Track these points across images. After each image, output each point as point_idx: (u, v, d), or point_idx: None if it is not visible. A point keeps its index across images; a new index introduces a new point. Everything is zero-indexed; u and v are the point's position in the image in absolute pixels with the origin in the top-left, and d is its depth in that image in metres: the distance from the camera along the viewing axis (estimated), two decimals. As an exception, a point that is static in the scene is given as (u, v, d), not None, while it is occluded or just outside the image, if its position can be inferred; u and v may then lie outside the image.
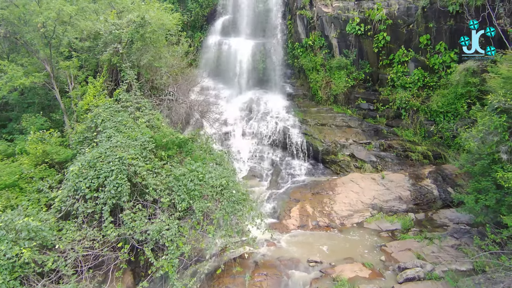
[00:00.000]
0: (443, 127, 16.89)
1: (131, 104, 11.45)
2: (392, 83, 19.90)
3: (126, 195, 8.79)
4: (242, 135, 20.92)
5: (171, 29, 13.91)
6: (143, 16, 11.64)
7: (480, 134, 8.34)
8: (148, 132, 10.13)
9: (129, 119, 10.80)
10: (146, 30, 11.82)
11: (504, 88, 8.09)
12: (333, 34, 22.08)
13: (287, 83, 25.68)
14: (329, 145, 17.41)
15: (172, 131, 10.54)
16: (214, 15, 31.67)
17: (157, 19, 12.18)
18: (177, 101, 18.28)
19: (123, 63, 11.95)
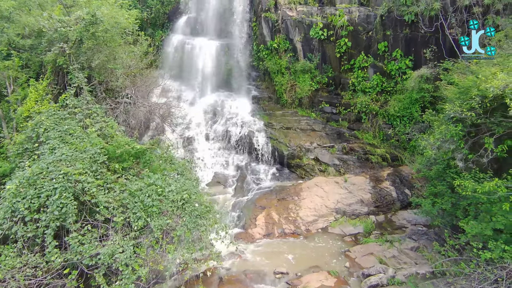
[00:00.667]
0: (400, 131, 17.70)
1: (80, 110, 10.40)
2: (353, 87, 20.48)
3: (73, 216, 7.89)
4: (206, 139, 20.28)
5: (127, 27, 12.88)
6: (93, 13, 10.60)
7: (437, 142, 8.71)
8: (99, 143, 9.22)
9: (77, 128, 9.77)
10: (97, 29, 10.79)
11: (460, 99, 8.51)
12: (297, 38, 22.23)
13: (252, 86, 25.41)
14: (294, 149, 17.44)
15: (127, 141, 9.73)
16: (177, 13, 30.47)
17: (111, 16, 11.17)
18: (135, 104, 17.19)
19: (71, 65, 10.81)
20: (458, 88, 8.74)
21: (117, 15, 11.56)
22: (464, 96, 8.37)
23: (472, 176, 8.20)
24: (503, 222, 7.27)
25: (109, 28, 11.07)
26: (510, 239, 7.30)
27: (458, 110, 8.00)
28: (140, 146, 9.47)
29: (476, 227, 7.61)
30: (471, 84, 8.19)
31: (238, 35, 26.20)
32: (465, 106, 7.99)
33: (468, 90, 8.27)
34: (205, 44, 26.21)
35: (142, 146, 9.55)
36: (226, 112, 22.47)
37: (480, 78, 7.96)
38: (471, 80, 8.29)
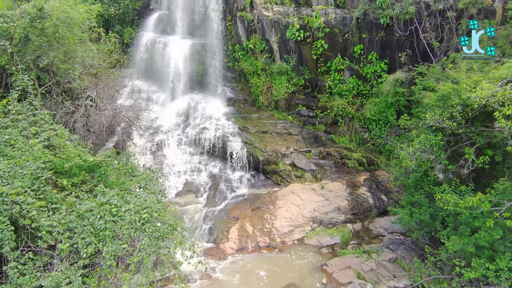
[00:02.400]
0: (375, 135, 17.52)
1: (25, 117, 9.07)
2: (329, 90, 20.15)
3: (10, 243, 6.70)
4: (177, 144, 19.14)
5: (82, 23, 11.55)
6: (41, 6, 9.28)
7: (416, 152, 8.34)
8: (43, 156, 8.00)
9: (19, 138, 8.47)
10: (45, 24, 9.47)
11: (439, 106, 8.17)
12: (274, 38, 21.61)
13: (227, 87, 24.48)
14: (270, 155, 16.77)
15: (78, 152, 8.55)
16: (147, 9, 28.87)
17: (62, 11, 9.86)
18: (97, 107, 15.78)
19: (14, 65, 9.43)
20: (437, 95, 8.41)
21: (69, 10, 10.25)
22: (444, 103, 8.04)
23: (452, 189, 7.88)
24: (487, 239, 6.95)
25: (59, 24, 9.77)
26: (493, 255, 7.00)
27: (438, 119, 7.64)
28: (93, 159, 8.34)
29: (458, 242, 7.27)
30: (451, 92, 7.87)
31: (213, 34, 25.15)
32: (445, 115, 7.65)
33: (447, 97, 7.94)
34: (178, 43, 24.97)
35: (95, 158, 8.42)
36: (199, 115, 21.42)
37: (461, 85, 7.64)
38: (451, 88, 7.97)
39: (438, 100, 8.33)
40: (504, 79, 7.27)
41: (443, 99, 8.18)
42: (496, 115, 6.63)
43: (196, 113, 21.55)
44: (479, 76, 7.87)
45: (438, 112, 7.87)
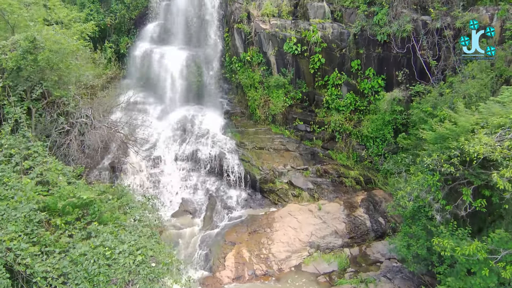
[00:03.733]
0: (373, 152, 17.50)
1: (18, 151, 8.93)
2: (327, 105, 20.09)
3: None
4: (174, 160, 19.01)
5: (76, 51, 11.38)
6: (33, 38, 9.12)
7: (414, 193, 8.30)
8: (36, 195, 7.88)
9: (12, 175, 8.33)
10: (37, 56, 9.31)
11: (437, 147, 8.15)
12: (271, 51, 21.53)
13: (224, 99, 24.37)
14: (267, 173, 16.70)
15: (72, 189, 8.42)
16: (144, 19, 28.65)
17: (54, 42, 9.68)
18: (92, 125, 15.59)
19: (6, 97, 9.29)
20: (435, 134, 8.37)
21: (62, 40, 10.06)
22: (442, 144, 8.01)
23: (450, 232, 7.85)
24: (482, 286, 6.93)
25: (52, 55, 9.61)
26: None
27: (436, 162, 7.61)
28: (87, 196, 8.22)
29: (454, 286, 7.25)
30: (449, 133, 7.84)
31: (209, 45, 25.02)
32: (443, 157, 7.61)
33: (445, 138, 7.91)
34: (175, 54, 24.81)
35: (89, 195, 8.29)
36: (196, 129, 21.29)
37: (459, 126, 7.60)
38: (449, 129, 7.94)
39: (436, 138, 8.29)
40: (504, 129, 7.22)
41: (441, 139, 8.14)
42: (494, 176, 6.60)
43: (193, 127, 21.41)
44: (477, 118, 7.82)
45: (436, 155, 7.82)
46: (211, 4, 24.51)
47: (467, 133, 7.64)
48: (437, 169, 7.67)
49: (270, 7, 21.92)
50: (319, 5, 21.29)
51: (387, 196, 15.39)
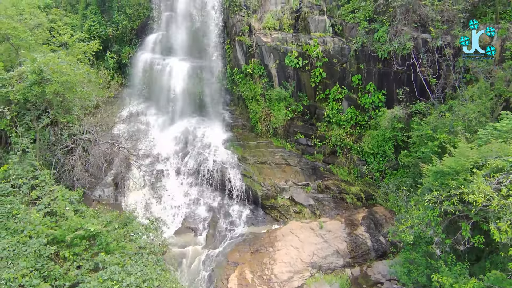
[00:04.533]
0: (374, 168, 17.66)
1: (25, 181, 9.10)
2: (328, 119, 20.25)
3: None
4: (176, 174, 19.19)
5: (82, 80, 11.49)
6: (40, 69, 9.27)
7: (415, 227, 8.48)
8: (45, 229, 8.05)
9: (21, 207, 8.50)
10: (45, 89, 9.47)
11: (437, 181, 8.34)
12: (272, 64, 21.68)
13: (226, 111, 24.52)
14: (269, 189, 16.87)
15: (79, 221, 8.59)
16: (145, 29, 28.84)
17: (60, 73, 9.82)
18: (96, 142, 15.74)
19: (14, 129, 9.45)
20: (436, 169, 8.55)
21: (69, 70, 10.21)
22: (442, 179, 8.20)
23: (448, 267, 8.02)
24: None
25: (58, 87, 9.76)
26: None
27: (437, 198, 7.78)
28: (94, 228, 8.39)
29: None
30: (449, 171, 8.02)
31: (211, 56, 25.17)
32: (443, 194, 7.79)
33: (445, 175, 8.11)
34: (177, 65, 24.97)
35: (96, 227, 8.47)
36: (198, 141, 21.46)
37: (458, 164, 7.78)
38: (448, 167, 8.11)
39: (436, 173, 8.48)
40: (502, 173, 7.39)
41: (441, 174, 8.33)
42: (491, 228, 6.78)
43: (195, 140, 21.58)
44: (477, 157, 7.97)
45: (436, 192, 7.99)
46: (212, 15, 24.68)
47: (466, 172, 7.83)
48: (438, 205, 7.85)
49: (271, 20, 22.08)
50: (320, 19, 21.45)
51: (388, 213, 15.58)
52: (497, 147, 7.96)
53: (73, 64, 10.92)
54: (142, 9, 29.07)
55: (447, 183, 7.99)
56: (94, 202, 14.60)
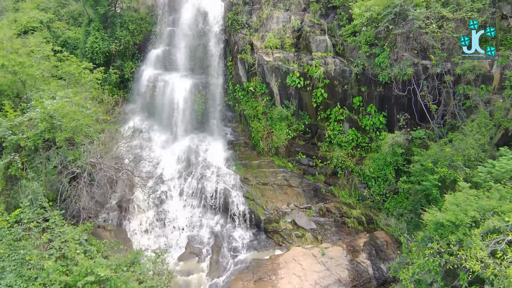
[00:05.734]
0: (374, 191, 17.90)
1: (37, 224, 9.33)
2: (329, 139, 20.48)
3: None
4: (179, 195, 19.42)
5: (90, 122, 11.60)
6: (50, 115, 9.47)
7: (415, 276, 8.74)
8: (58, 276, 8.28)
9: (33, 252, 8.73)
10: (55, 135, 9.68)
11: (437, 231, 8.60)
12: (274, 83, 21.89)
13: (228, 127, 24.75)
14: (271, 213, 17.12)
15: (90, 265, 8.82)
16: (148, 44, 29.00)
17: (70, 119, 9.99)
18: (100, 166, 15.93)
19: (24, 175, 9.67)
20: (436, 220, 8.81)
21: (78, 115, 10.40)
22: (441, 230, 8.46)
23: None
24: None
25: (69, 131, 9.96)
26: None
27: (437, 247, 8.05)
28: (104, 274, 8.62)
29: None
30: (449, 224, 8.27)
31: (213, 72, 25.39)
32: (444, 246, 8.05)
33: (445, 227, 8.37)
34: (179, 82, 25.18)
35: (105, 272, 8.69)
36: (200, 161, 21.67)
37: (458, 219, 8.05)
38: (448, 220, 8.36)
39: (436, 224, 8.74)
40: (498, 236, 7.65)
41: (441, 225, 8.59)
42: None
43: (197, 158, 21.80)
44: (476, 213, 8.22)
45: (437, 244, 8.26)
46: (215, 32, 24.92)
47: (465, 226, 8.09)
48: (437, 257, 8.10)
49: (273, 39, 22.27)
50: (321, 39, 21.67)
51: (389, 238, 15.84)
52: (493, 203, 8.22)
53: (81, 104, 11.12)
54: (145, 24, 29.26)
55: (446, 235, 8.25)
56: (100, 229, 14.82)
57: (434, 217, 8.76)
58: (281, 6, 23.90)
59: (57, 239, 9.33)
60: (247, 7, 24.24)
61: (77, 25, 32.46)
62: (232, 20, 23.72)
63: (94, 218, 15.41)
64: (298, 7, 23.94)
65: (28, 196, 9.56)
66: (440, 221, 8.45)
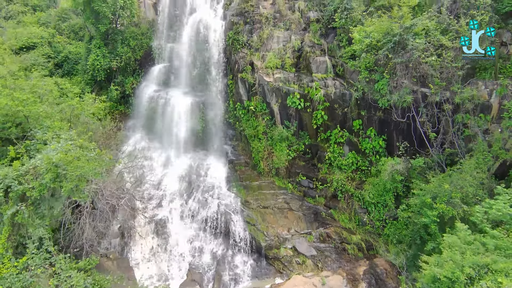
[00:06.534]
0: (374, 217, 18.06)
1: (43, 270, 9.50)
2: (329, 161, 20.62)
3: None
4: (180, 218, 19.57)
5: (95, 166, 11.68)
6: (55, 163, 9.59)
7: None
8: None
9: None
10: (61, 184, 9.83)
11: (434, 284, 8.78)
12: (274, 102, 21.99)
13: (228, 145, 24.87)
14: (272, 239, 17.29)
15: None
16: (149, 60, 29.14)
17: (75, 166, 10.11)
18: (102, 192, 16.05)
19: (30, 223, 9.83)
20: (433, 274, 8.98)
21: (82, 161, 10.53)
22: (438, 283, 8.64)
23: None
24: None
25: (74, 179, 10.11)
26: None
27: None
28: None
29: None
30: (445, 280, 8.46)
31: (214, 90, 25.52)
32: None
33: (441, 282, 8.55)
34: (180, 99, 25.30)
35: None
36: (201, 180, 21.82)
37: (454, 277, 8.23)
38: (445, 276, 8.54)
39: (433, 278, 8.92)
40: None
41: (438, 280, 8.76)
42: None
43: (198, 178, 21.94)
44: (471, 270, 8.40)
45: None
46: (215, 50, 25.03)
47: (461, 284, 8.27)
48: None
49: (273, 60, 22.37)
50: (321, 60, 21.81)
51: (388, 266, 16.02)
52: (488, 259, 8.41)
53: (84, 146, 11.25)
54: (145, 39, 29.39)
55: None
56: (103, 258, 14.98)
57: (431, 271, 8.95)
58: (281, 25, 24.00)
59: (63, 284, 9.50)
60: (248, 26, 24.33)
61: (78, 39, 32.61)
62: (232, 39, 23.85)
63: (97, 246, 15.57)
64: (298, 27, 24.06)
65: (35, 243, 9.72)
66: (437, 276, 8.63)
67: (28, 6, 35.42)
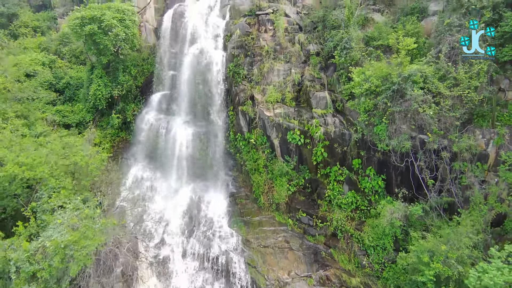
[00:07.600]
0: (373, 260, 18.33)
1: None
2: (329, 198, 20.85)
3: None
4: (182, 256, 19.85)
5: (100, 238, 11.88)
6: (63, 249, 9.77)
7: None
8: None
9: None
10: (68, 265, 10.04)
11: None
12: (274, 136, 22.16)
13: (229, 176, 25.06)
14: (273, 284, 17.59)
15: None
16: (150, 87, 29.32)
17: (82, 247, 10.28)
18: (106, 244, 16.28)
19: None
20: None
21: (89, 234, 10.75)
22: None
23: None
24: None
25: (82, 259, 10.32)
26: None
27: None
28: None
29: None
30: None
31: (215, 119, 25.65)
32: None
33: None
34: (181, 129, 25.49)
35: None
36: (202, 215, 22.07)
37: None
38: None
39: None
40: None
41: None
42: None
43: (199, 213, 22.19)
44: None
45: None
46: (216, 80, 25.14)
47: None
48: None
49: (274, 94, 22.53)
50: (321, 96, 22.02)
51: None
52: None
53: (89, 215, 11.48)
54: (147, 65, 29.60)
55: None
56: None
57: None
58: (281, 57, 24.15)
59: None
60: (248, 58, 24.49)
61: (79, 63, 32.73)
62: (233, 72, 24.03)
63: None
64: (299, 60, 24.23)
65: None
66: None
67: (29, 27, 35.48)
